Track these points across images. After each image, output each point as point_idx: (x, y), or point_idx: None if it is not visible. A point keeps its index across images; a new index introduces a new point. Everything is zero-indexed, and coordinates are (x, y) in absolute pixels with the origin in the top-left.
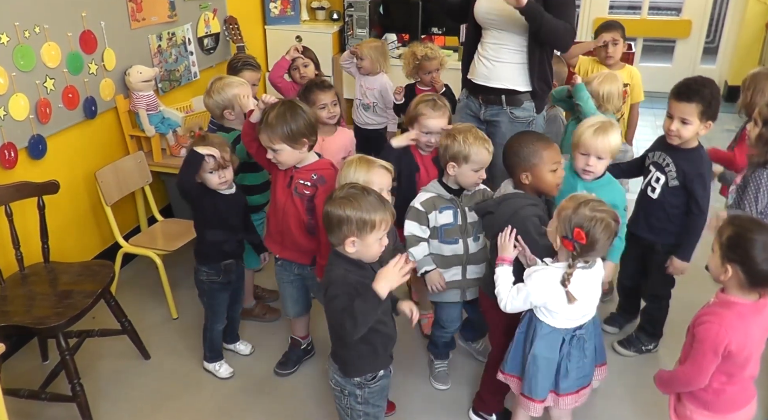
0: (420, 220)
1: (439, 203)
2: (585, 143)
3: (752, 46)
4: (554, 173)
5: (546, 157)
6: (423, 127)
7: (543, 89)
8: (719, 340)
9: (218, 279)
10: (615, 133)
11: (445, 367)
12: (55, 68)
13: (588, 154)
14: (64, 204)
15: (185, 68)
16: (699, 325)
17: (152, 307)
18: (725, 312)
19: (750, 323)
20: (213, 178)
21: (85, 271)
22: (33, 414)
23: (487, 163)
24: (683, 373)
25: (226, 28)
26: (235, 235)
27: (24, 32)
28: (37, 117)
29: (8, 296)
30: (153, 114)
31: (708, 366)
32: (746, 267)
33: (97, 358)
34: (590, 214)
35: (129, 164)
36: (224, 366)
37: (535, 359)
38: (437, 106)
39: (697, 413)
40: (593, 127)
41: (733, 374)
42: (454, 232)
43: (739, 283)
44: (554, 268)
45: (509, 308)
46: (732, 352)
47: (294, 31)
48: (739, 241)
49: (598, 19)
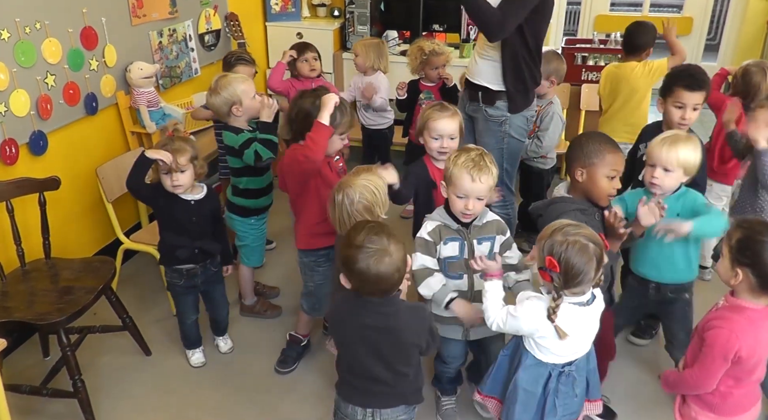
0: (430, 251)
1: (444, 233)
2: (652, 152)
3: (753, 43)
4: (610, 181)
5: (607, 160)
6: (432, 130)
7: (518, 89)
8: (730, 346)
9: (179, 282)
10: (687, 146)
11: (453, 404)
12: (55, 64)
13: (654, 166)
14: (65, 200)
15: (186, 65)
16: (709, 329)
17: (153, 304)
18: (736, 317)
19: (760, 328)
20: (166, 180)
21: (86, 268)
22: (34, 409)
23: (471, 193)
24: (691, 377)
25: (227, 25)
26: (191, 242)
27: (25, 28)
28: (38, 113)
29: (9, 292)
30: (154, 110)
31: (717, 371)
32: (757, 270)
33: (98, 354)
34: (561, 238)
35: (130, 160)
36: (197, 354)
37: (516, 389)
38: (444, 108)
39: (702, 415)
40: (664, 136)
41: (741, 379)
42: (458, 267)
43: (749, 287)
44: (545, 298)
45: (495, 329)
46: (742, 358)
47: (295, 27)
48: (749, 243)
49: (600, 17)
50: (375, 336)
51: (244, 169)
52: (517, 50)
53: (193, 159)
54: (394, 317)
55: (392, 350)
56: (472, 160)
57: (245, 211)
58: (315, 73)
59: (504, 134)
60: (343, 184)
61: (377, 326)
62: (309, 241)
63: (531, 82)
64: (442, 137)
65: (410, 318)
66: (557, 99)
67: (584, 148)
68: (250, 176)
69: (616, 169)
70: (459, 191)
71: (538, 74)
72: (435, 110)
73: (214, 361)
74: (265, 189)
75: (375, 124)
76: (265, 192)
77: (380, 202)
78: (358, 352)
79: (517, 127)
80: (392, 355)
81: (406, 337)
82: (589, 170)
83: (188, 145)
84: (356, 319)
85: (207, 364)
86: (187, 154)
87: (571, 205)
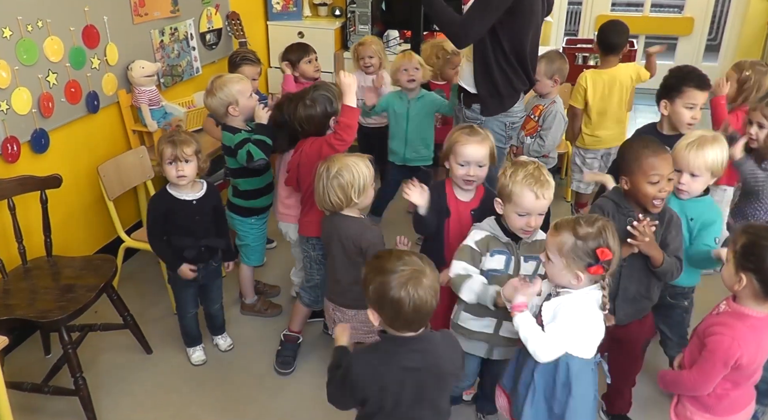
0: (474, 260)
1: (492, 245)
2: (677, 157)
3: (754, 44)
4: (654, 185)
5: (646, 166)
6: (459, 156)
7: (491, 93)
8: (731, 353)
9: (181, 277)
10: (714, 148)
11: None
12: (57, 62)
13: (681, 171)
14: (67, 198)
15: (187, 63)
16: (710, 335)
17: (154, 302)
18: (738, 324)
19: (762, 336)
20: (170, 170)
21: (88, 266)
22: (36, 407)
23: (534, 211)
24: (689, 379)
25: (229, 24)
26: (197, 241)
27: (27, 26)
28: (40, 111)
29: (11, 290)
30: (155, 109)
31: (716, 376)
32: (761, 275)
33: (100, 352)
34: (593, 230)
35: (131, 159)
36: (198, 352)
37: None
38: (474, 132)
39: (697, 415)
40: (689, 139)
41: (740, 383)
42: (502, 281)
43: (753, 293)
44: (580, 294)
45: (546, 357)
46: (742, 365)
47: (296, 27)
48: (753, 249)
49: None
50: (417, 377)
51: (242, 170)
52: (488, 54)
53: (197, 152)
54: (432, 352)
55: (435, 387)
56: (532, 176)
57: (245, 211)
58: (319, 73)
59: None
60: (330, 157)
61: (418, 367)
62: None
63: (507, 87)
64: (470, 164)
65: (447, 348)
66: (560, 98)
67: (625, 156)
68: (248, 177)
69: (659, 174)
70: (521, 209)
71: (518, 79)
72: (463, 133)
73: (214, 359)
74: (263, 189)
75: (374, 123)
76: (264, 192)
77: (358, 186)
78: (401, 402)
79: (492, 132)
80: (435, 393)
81: (447, 368)
82: (630, 178)
83: (192, 138)
84: (394, 366)
85: (207, 362)
86: (193, 146)
87: (613, 195)
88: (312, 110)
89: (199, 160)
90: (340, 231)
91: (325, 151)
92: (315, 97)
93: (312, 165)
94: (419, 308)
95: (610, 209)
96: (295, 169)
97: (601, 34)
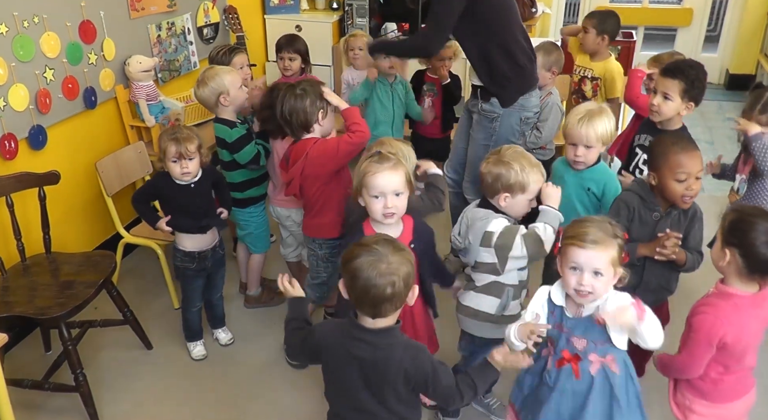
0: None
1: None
2: (571, 134)
3: (753, 35)
4: (680, 183)
5: (672, 163)
6: (371, 188)
7: (502, 84)
8: (714, 332)
9: (192, 265)
10: (601, 120)
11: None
12: (54, 58)
13: (576, 145)
14: (65, 194)
15: (185, 58)
16: (695, 315)
17: (154, 298)
18: (722, 303)
19: (746, 316)
20: (175, 168)
21: (87, 262)
22: (36, 404)
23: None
24: (679, 361)
25: (226, 18)
26: (196, 222)
27: (23, 22)
28: (37, 107)
29: (10, 287)
30: (153, 104)
31: (701, 356)
32: (744, 250)
33: (100, 348)
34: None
35: (129, 154)
36: (198, 347)
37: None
38: (384, 158)
39: (696, 403)
40: (578, 115)
41: (730, 365)
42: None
43: (737, 270)
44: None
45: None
46: (727, 344)
47: (294, 20)
48: (739, 224)
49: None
50: (362, 367)
51: (235, 163)
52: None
53: (200, 147)
54: (386, 350)
55: (381, 384)
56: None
57: (242, 202)
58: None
59: (493, 131)
60: (383, 139)
61: (364, 358)
62: (333, 230)
63: (514, 73)
64: (385, 195)
65: (406, 354)
66: (556, 90)
67: (653, 152)
68: (242, 169)
69: (686, 172)
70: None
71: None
72: (372, 162)
73: (215, 354)
74: (257, 179)
75: None
76: (258, 182)
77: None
78: (349, 385)
79: (508, 126)
80: (383, 389)
81: (394, 372)
82: (657, 174)
83: (194, 133)
84: (344, 348)
85: (208, 356)
86: (195, 142)
87: (639, 190)
88: (300, 102)
89: (202, 155)
90: None
91: (342, 148)
92: (306, 88)
93: (320, 172)
94: (368, 290)
95: (636, 204)
96: (298, 178)
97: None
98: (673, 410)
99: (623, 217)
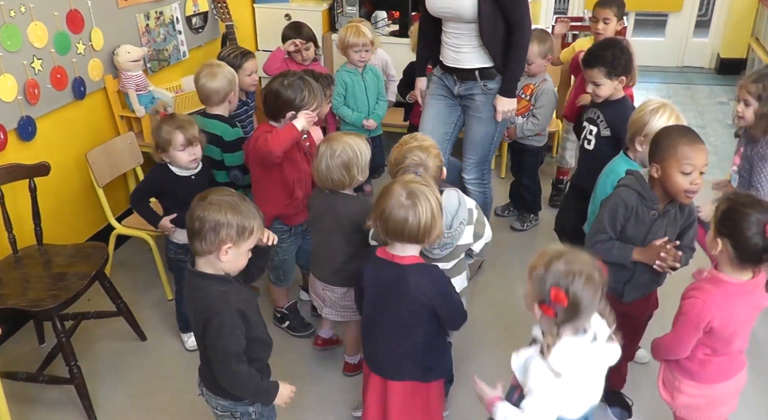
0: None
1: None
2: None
3: (744, 19)
4: (686, 176)
5: (680, 155)
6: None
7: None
8: (701, 317)
9: (185, 258)
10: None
11: None
12: (42, 48)
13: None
14: (56, 186)
15: (174, 47)
16: (686, 298)
17: (147, 289)
18: (712, 289)
19: (736, 303)
20: (182, 156)
21: (79, 253)
22: (31, 397)
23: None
24: (667, 341)
25: (214, 7)
26: None
27: (9, 12)
28: (26, 98)
29: (2, 279)
30: (143, 94)
31: (688, 338)
32: (735, 240)
33: (94, 340)
34: (565, 268)
35: (120, 145)
36: (192, 338)
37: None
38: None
39: (684, 383)
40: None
41: (717, 349)
42: None
43: (729, 259)
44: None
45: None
46: (714, 329)
47: (283, 9)
48: (731, 214)
49: None
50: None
51: (221, 163)
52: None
53: (200, 131)
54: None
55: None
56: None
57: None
58: (306, 64)
59: None
60: (329, 137)
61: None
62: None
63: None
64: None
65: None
66: (549, 76)
67: (658, 143)
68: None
69: (692, 164)
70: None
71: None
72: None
73: None
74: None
75: None
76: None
77: (360, 164)
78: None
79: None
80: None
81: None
82: (661, 165)
83: (191, 118)
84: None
85: None
86: (195, 126)
87: (637, 185)
88: (282, 91)
89: (201, 140)
90: (338, 209)
91: (260, 142)
92: (294, 82)
93: (254, 157)
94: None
95: (634, 202)
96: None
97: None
98: (661, 392)
99: (621, 216)
